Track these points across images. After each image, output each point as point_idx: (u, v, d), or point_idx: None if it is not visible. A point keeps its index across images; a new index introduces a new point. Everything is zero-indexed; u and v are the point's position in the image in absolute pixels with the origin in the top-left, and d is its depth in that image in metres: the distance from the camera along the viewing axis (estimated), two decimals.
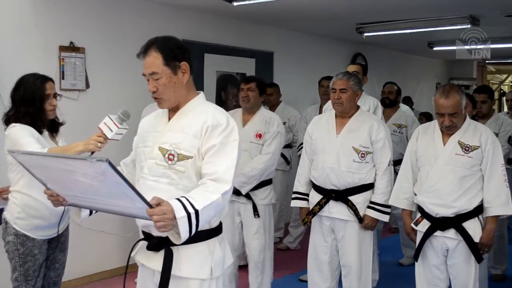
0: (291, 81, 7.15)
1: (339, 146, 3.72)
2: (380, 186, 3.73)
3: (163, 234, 2.24)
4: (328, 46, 7.98)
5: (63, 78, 4.71)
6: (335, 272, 3.89)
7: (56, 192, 2.29)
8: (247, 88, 4.31)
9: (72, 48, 4.77)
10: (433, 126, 3.54)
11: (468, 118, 3.50)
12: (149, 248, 2.35)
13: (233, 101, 6.18)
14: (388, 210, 3.75)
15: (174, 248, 2.28)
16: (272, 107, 6.00)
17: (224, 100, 6.25)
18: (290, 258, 5.74)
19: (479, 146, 3.32)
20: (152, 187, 2.29)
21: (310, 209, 3.86)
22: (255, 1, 4.88)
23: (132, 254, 2.43)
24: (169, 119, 2.42)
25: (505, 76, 14.15)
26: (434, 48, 8.52)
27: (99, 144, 2.71)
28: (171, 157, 2.28)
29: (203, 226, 2.19)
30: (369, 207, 3.72)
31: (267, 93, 5.81)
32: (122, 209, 2.16)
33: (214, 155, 2.26)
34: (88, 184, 2.04)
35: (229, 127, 2.31)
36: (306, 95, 7.24)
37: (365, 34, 6.89)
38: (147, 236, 2.38)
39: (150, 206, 2.02)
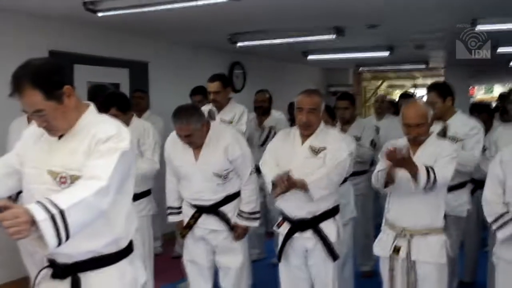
0: (167, 91, 7.14)
1: (200, 173, 3.74)
2: (245, 195, 3.83)
3: (68, 261, 2.14)
4: (204, 55, 8.03)
5: None
6: (213, 275, 4.03)
7: None
8: (111, 114, 4.18)
9: None
10: (293, 132, 3.69)
11: (322, 123, 3.67)
12: (53, 276, 2.20)
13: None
14: (257, 216, 3.86)
15: (81, 275, 2.17)
16: (140, 114, 5.94)
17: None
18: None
19: (325, 147, 3.49)
20: None
21: (186, 222, 3.91)
22: (120, 12, 4.81)
23: (35, 283, 2.26)
24: (59, 137, 2.22)
25: (380, 82, 14.93)
26: (309, 57, 8.83)
27: None
28: (63, 179, 2.10)
29: (78, 230, 1.93)
30: (238, 215, 3.81)
31: (136, 98, 5.81)
32: None
33: (93, 159, 2.09)
34: None
35: (119, 137, 2.15)
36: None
37: (238, 44, 7.02)
38: (51, 263, 2.22)
39: (0, 210, 1.80)
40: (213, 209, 3.81)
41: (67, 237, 1.89)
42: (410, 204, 3.30)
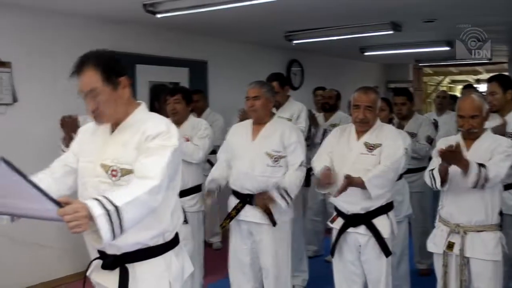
0: (226, 89, 7.27)
1: (253, 151, 3.85)
2: (290, 176, 3.82)
3: (117, 252, 2.22)
4: (262, 53, 8.13)
5: None
6: (258, 274, 4.01)
7: None
8: (173, 100, 4.40)
9: None
10: (349, 128, 3.73)
11: (378, 120, 3.70)
12: (103, 267, 2.28)
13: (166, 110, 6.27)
14: (288, 200, 3.79)
15: (129, 266, 2.24)
16: (199, 113, 6.12)
17: (158, 109, 6.32)
18: None
19: (380, 144, 3.52)
20: None
21: (228, 213, 3.99)
22: (178, 13, 4.96)
23: (87, 274, 2.38)
24: (112, 130, 2.33)
25: (441, 77, 14.63)
26: (366, 53, 8.79)
27: None
28: (114, 173, 2.20)
29: (131, 226, 2.03)
30: (276, 187, 3.78)
31: (194, 100, 5.94)
32: (35, 212, 1.97)
33: (145, 157, 2.17)
34: None
35: (168, 134, 2.23)
36: (242, 103, 7.35)
37: (294, 42, 7.08)
38: (102, 255, 2.30)
39: (61, 205, 1.87)
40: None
41: (121, 232, 1.99)
42: (464, 201, 3.28)
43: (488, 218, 3.30)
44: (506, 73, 11.84)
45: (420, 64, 11.89)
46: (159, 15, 5.06)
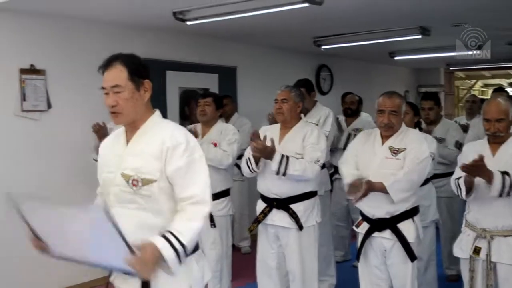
0: (255, 95, 7.33)
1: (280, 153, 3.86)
2: (302, 160, 3.83)
3: None
4: (291, 59, 8.17)
5: (24, 100, 4.88)
6: (284, 278, 4.05)
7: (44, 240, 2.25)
8: (204, 103, 4.52)
9: (32, 70, 4.93)
10: (375, 133, 3.75)
11: (403, 125, 3.72)
12: (125, 272, 2.28)
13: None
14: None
15: None
16: (227, 118, 6.21)
17: (188, 115, 6.43)
18: None
19: (405, 148, 3.53)
20: (120, 213, 2.19)
21: (255, 217, 4.05)
22: (207, 20, 5.06)
23: (110, 279, 2.43)
24: (127, 140, 2.39)
25: (473, 81, 14.46)
26: (395, 58, 8.77)
27: None
28: (135, 182, 2.26)
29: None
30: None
31: (223, 104, 6.03)
32: (104, 261, 2.19)
33: (185, 177, 2.26)
34: (78, 232, 2.05)
35: (190, 145, 2.31)
36: (271, 107, 7.40)
37: (323, 47, 7.11)
38: None
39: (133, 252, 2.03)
40: (284, 205, 3.90)
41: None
42: (490, 205, 3.27)
43: None
44: None
45: (451, 68, 11.77)
46: (188, 23, 5.15)
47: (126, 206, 2.28)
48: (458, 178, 3.34)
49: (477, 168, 3.11)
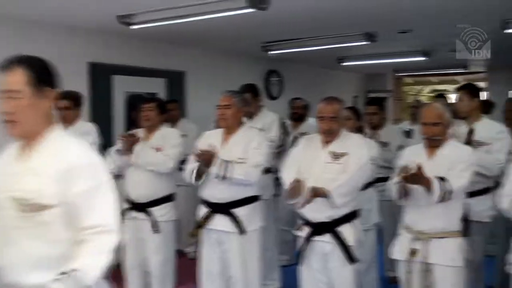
0: (205, 100, 7.28)
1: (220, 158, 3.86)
2: (244, 165, 3.83)
3: None
4: (241, 64, 8.21)
5: None
6: (227, 283, 4.03)
7: None
8: (147, 108, 4.47)
9: None
10: (316, 138, 3.79)
11: (344, 130, 3.77)
12: None
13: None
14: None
15: None
16: (174, 123, 6.17)
17: (135, 120, 6.36)
18: None
19: (346, 153, 3.58)
20: (11, 242, 1.98)
21: (197, 222, 4.03)
22: (152, 24, 5.02)
23: None
24: (21, 158, 2.08)
25: (421, 87, 14.80)
26: (344, 64, 8.90)
27: None
28: (28, 207, 1.96)
29: None
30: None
31: (168, 109, 5.99)
32: None
33: (89, 203, 2.00)
34: None
35: (96, 167, 2.07)
36: None
37: (271, 52, 7.16)
38: None
39: None
40: (226, 209, 3.90)
41: None
42: (426, 208, 3.35)
43: (450, 225, 3.39)
44: (484, 83, 12.10)
45: (398, 74, 12.03)
46: (133, 27, 5.10)
47: (16, 234, 1.99)
48: (394, 184, 3.41)
49: (416, 178, 3.20)
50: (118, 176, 4.47)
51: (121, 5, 4.75)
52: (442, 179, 3.25)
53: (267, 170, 4.68)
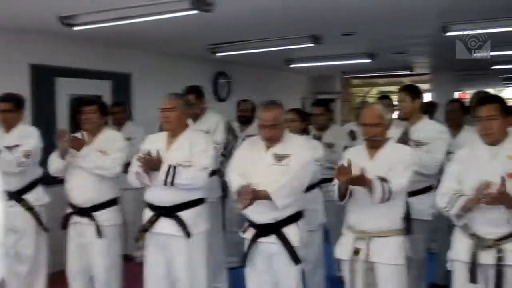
0: (152, 102, 7.13)
1: (166, 164, 3.82)
2: (191, 169, 3.81)
3: None
4: (188, 65, 8.13)
5: None
6: (174, 286, 3.99)
7: None
8: (87, 111, 4.39)
9: None
10: (259, 139, 3.80)
11: (287, 131, 3.80)
12: None
13: None
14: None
15: None
16: (120, 126, 6.10)
17: (78, 123, 6.23)
18: None
19: (289, 154, 3.61)
20: None
21: (142, 226, 3.99)
22: (95, 26, 4.93)
23: None
24: None
25: (368, 88, 15.05)
26: (291, 65, 8.95)
27: None
28: None
29: None
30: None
31: (114, 112, 5.90)
32: None
33: None
34: None
35: None
36: None
37: (218, 54, 7.14)
38: None
39: None
40: (171, 213, 3.87)
41: None
42: (368, 207, 3.41)
43: (392, 224, 3.46)
44: (428, 84, 12.41)
45: (345, 76, 12.21)
46: (76, 28, 5.00)
47: None
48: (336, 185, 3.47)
49: (358, 180, 3.25)
50: (58, 180, 4.40)
51: (63, 5, 4.64)
52: (382, 179, 3.30)
53: (214, 172, 4.66)
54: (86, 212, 4.25)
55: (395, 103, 5.66)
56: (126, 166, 4.42)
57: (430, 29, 6.00)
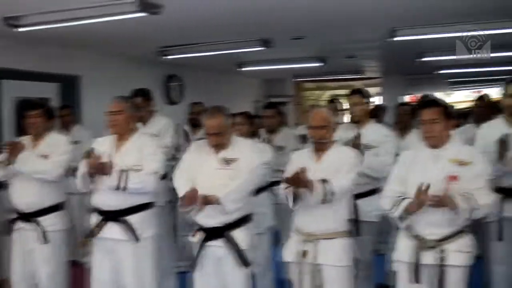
0: (102, 105, 7.03)
1: (114, 168, 3.77)
2: (138, 174, 3.76)
3: None
4: (139, 68, 8.05)
5: None
6: None
7: None
8: (32, 115, 4.29)
9: None
10: (206, 144, 3.78)
11: (234, 135, 3.81)
12: None
13: None
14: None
15: None
16: (67, 129, 6.00)
17: (25, 127, 6.10)
18: None
19: (237, 158, 3.62)
20: None
21: (89, 231, 3.92)
22: (41, 27, 4.82)
23: None
24: None
25: (321, 92, 15.21)
26: (243, 69, 8.97)
27: None
28: None
29: None
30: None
31: (61, 115, 5.80)
32: None
33: None
34: None
35: None
36: None
37: (168, 57, 7.10)
38: None
39: None
40: (118, 217, 3.82)
41: None
42: (315, 210, 3.44)
43: (338, 226, 3.51)
44: (379, 87, 12.64)
45: (297, 79, 12.30)
46: (21, 29, 4.88)
47: None
48: (284, 189, 3.48)
49: (298, 180, 3.27)
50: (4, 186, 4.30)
51: (7, 6, 4.53)
52: (324, 180, 3.35)
53: (163, 176, 4.62)
54: (30, 217, 4.15)
55: (345, 106, 5.72)
56: (74, 171, 4.35)
57: (379, 33, 6.10)
